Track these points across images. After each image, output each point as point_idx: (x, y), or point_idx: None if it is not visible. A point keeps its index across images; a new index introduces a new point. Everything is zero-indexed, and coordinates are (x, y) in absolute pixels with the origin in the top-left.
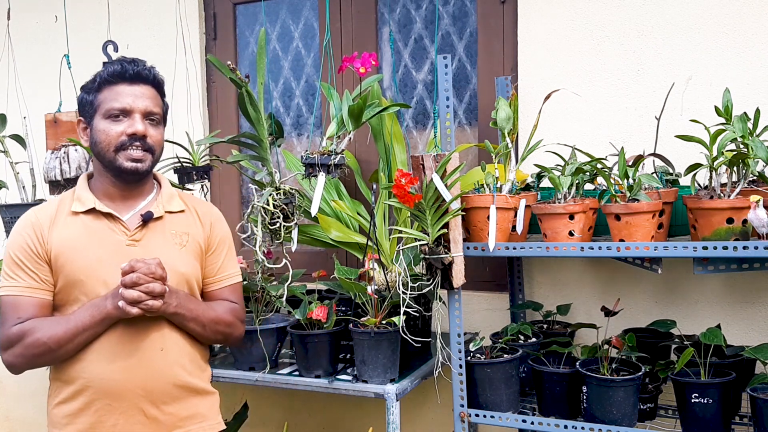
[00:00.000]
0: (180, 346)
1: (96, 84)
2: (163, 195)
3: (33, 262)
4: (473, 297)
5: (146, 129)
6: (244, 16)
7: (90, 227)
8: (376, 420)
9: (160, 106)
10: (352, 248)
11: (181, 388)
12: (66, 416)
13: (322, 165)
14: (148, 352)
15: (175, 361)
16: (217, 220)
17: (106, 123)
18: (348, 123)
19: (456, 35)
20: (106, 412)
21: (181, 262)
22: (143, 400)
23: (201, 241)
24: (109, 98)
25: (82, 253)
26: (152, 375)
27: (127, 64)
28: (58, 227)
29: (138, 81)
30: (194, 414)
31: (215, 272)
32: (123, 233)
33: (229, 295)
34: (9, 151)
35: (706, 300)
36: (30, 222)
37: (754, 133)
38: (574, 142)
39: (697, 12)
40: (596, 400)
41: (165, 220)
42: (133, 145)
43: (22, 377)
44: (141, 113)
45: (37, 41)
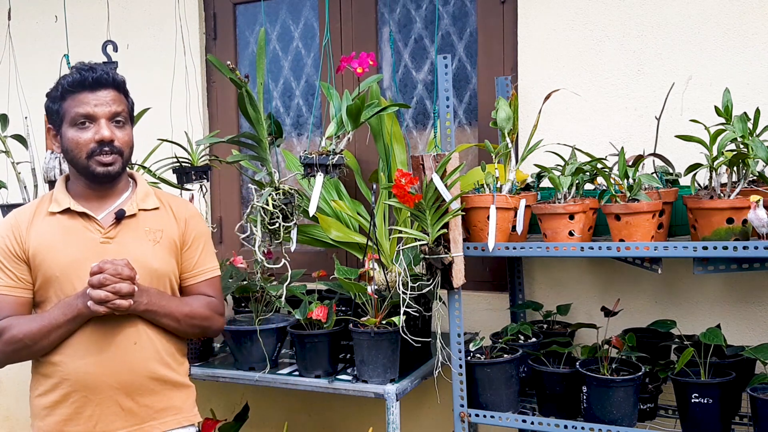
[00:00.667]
0: (154, 340)
1: (59, 93)
2: (138, 193)
3: (11, 262)
4: (473, 297)
5: (113, 133)
6: (244, 16)
7: (66, 226)
8: (376, 420)
9: (125, 105)
10: (352, 248)
11: (155, 381)
12: (45, 408)
13: (320, 165)
14: (122, 346)
15: (149, 355)
16: (192, 216)
17: (74, 131)
18: (347, 123)
19: (456, 35)
20: (83, 404)
21: (154, 258)
22: (118, 392)
23: (176, 237)
24: (73, 106)
25: (58, 251)
26: (126, 368)
27: (86, 71)
28: (35, 227)
29: (98, 87)
30: (169, 406)
31: (192, 267)
32: (97, 231)
33: (206, 289)
34: (10, 151)
35: (706, 300)
36: (9, 224)
37: (754, 133)
38: (574, 142)
39: (697, 12)
40: (596, 400)
41: (139, 218)
42: (103, 151)
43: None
44: (106, 117)
45: (37, 41)
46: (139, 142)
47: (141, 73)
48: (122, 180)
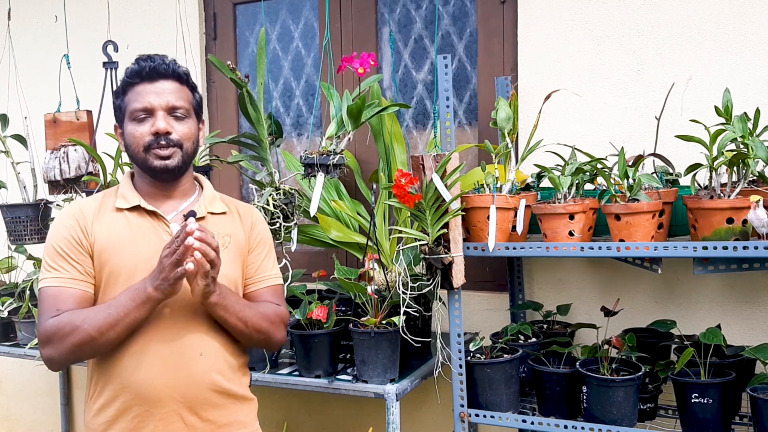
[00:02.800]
0: (219, 351)
1: (121, 88)
2: (206, 196)
3: (76, 253)
4: (473, 297)
5: (169, 125)
6: (244, 16)
7: (134, 224)
8: (376, 420)
9: (186, 98)
10: (352, 248)
11: (220, 394)
12: (103, 423)
13: (321, 165)
14: (188, 357)
15: (213, 366)
16: (257, 220)
17: (133, 125)
18: (347, 123)
19: (456, 35)
20: (144, 418)
21: (224, 264)
22: (182, 406)
23: (242, 242)
24: (132, 100)
25: (125, 249)
26: (191, 380)
27: (143, 61)
28: (101, 222)
29: (157, 77)
30: (233, 421)
31: (255, 272)
32: (166, 232)
33: (270, 297)
34: (10, 151)
35: (706, 300)
36: (73, 213)
37: (754, 133)
38: (574, 142)
39: (697, 12)
40: (596, 400)
41: (207, 221)
42: (159, 144)
43: (24, 377)
44: (163, 110)
45: (37, 41)
46: None
47: None
48: (188, 180)
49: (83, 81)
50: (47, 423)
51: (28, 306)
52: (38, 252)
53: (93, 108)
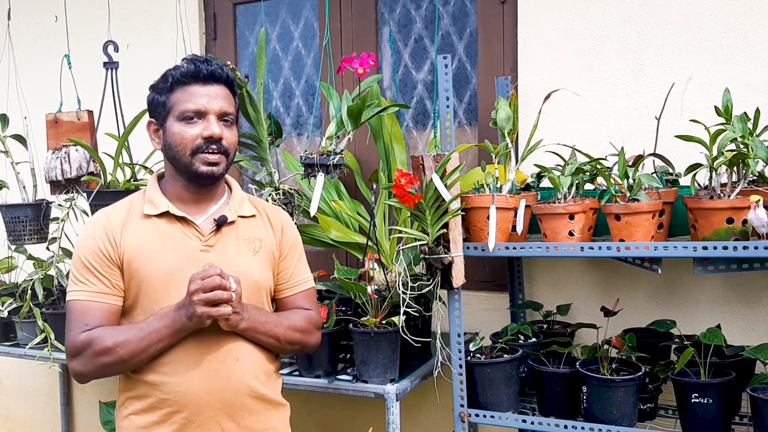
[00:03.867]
0: (254, 356)
1: (168, 84)
2: (235, 199)
3: (105, 267)
4: (473, 297)
5: (222, 131)
6: (244, 16)
7: (164, 231)
8: (376, 420)
9: (234, 105)
10: (352, 248)
11: (256, 400)
12: (141, 428)
13: (321, 165)
14: (225, 363)
15: (250, 372)
16: (287, 224)
17: (181, 125)
18: (347, 123)
19: (456, 35)
20: (183, 425)
21: (255, 269)
22: (220, 412)
23: (273, 247)
24: (183, 99)
25: (156, 258)
26: (229, 386)
27: (201, 63)
28: (130, 231)
29: (212, 81)
30: (268, 428)
31: (288, 278)
32: (197, 238)
33: (303, 302)
34: (10, 151)
35: (706, 300)
36: (102, 225)
37: (754, 133)
38: (573, 142)
39: (697, 12)
40: (596, 400)
41: (237, 225)
42: (210, 149)
43: (24, 377)
44: (216, 114)
45: (37, 41)
46: (141, 142)
47: (141, 73)
48: (220, 184)
49: (84, 81)
50: (47, 423)
51: (29, 306)
52: (38, 252)
53: (94, 108)
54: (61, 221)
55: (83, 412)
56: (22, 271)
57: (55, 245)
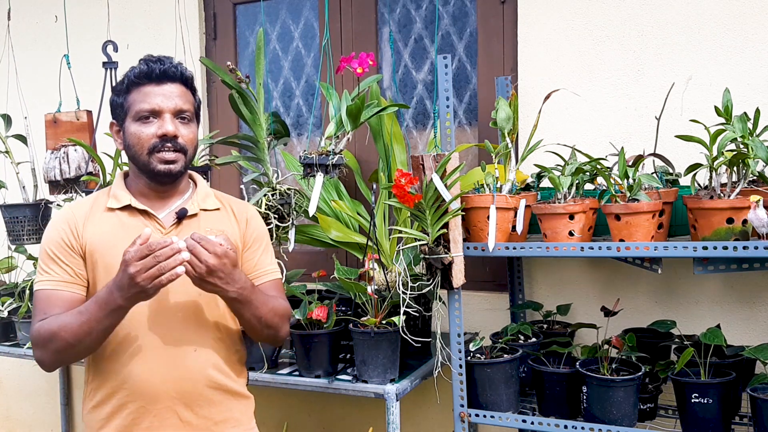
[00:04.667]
0: (214, 347)
1: (124, 86)
2: (199, 193)
3: (67, 256)
4: (473, 297)
5: (177, 129)
6: (244, 16)
7: (125, 224)
8: (376, 420)
9: (191, 103)
10: (352, 248)
11: (215, 390)
12: (100, 420)
13: (320, 165)
14: (183, 353)
15: (209, 362)
16: (252, 216)
17: (137, 125)
18: (346, 123)
19: (456, 35)
20: (140, 414)
21: None
22: (177, 402)
23: (237, 239)
24: (138, 100)
25: (117, 249)
26: (187, 376)
27: (153, 63)
28: (92, 223)
29: (165, 80)
30: (228, 418)
31: (254, 267)
32: (158, 230)
33: (271, 291)
34: (11, 151)
35: (706, 300)
36: (65, 217)
37: (754, 133)
38: (574, 142)
39: (697, 12)
40: (596, 400)
41: (200, 218)
42: (165, 147)
43: (24, 377)
44: (171, 113)
45: (37, 41)
46: None
47: None
48: (183, 180)
49: (83, 81)
50: (47, 423)
51: (27, 306)
52: (38, 252)
53: (93, 108)
54: None
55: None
56: (22, 271)
57: None
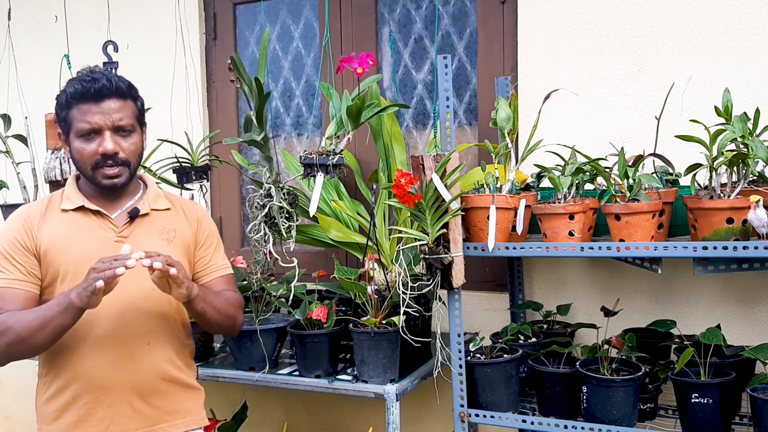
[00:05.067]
0: (167, 340)
1: (64, 101)
2: (149, 194)
3: (21, 255)
4: (473, 297)
5: (117, 144)
6: (244, 16)
7: (79, 224)
8: (376, 420)
9: (131, 112)
10: (352, 248)
11: (167, 382)
12: (54, 411)
13: (320, 165)
14: (136, 346)
15: (162, 355)
16: (203, 216)
17: (79, 142)
18: (346, 123)
19: (456, 35)
20: (95, 405)
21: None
22: (131, 393)
23: (188, 238)
24: (78, 117)
25: (70, 248)
26: (140, 368)
27: (87, 83)
28: (47, 223)
29: (102, 98)
30: (179, 409)
31: (206, 265)
32: (111, 230)
33: (224, 285)
34: (11, 151)
35: (706, 300)
36: (20, 217)
37: (754, 133)
38: (574, 142)
39: (697, 12)
40: (596, 400)
41: (152, 217)
42: (107, 163)
43: (24, 377)
44: (110, 129)
45: (37, 41)
46: None
47: (141, 73)
48: (133, 183)
49: None
50: None
51: None
52: None
53: None
54: None
55: None
56: None
57: None
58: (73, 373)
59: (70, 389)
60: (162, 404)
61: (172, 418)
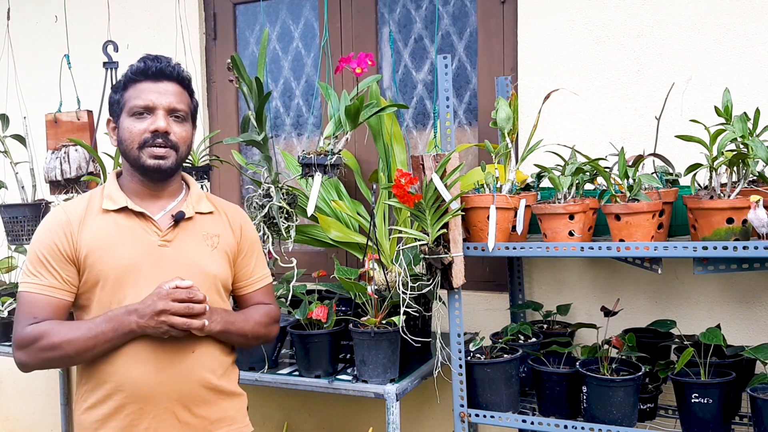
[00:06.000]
0: (211, 349)
1: (122, 83)
2: (192, 196)
3: (59, 262)
4: (473, 297)
5: (169, 125)
6: (244, 16)
7: (122, 226)
8: (376, 420)
9: (186, 102)
10: (352, 248)
11: (211, 391)
12: (95, 421)
13: (318, 165)
14: (180, 354)
15: (205, 364)
16: (245, 222)
17: (131, 120)
18: (345, 123)
19: (456, 35)
20: (138, 416)
21: (212, 264)
22: (176, 403)
23: (232, 244)
24: (133, 96)
25: (113, 252)
26: (184, 377)
27: (150, 61)
28: (88, 226)
29: (161, 78)
30: (224, 417)
31: (248, 275)
32: (155, 233)
33: (263, 297)
34: (10, 151)
35: (706, 300)
36: (60, 220)
37: (754, 133)
38: (574, 142)
39: (697, 12)
40: (596, 400)
41: (195, 221)
42: (156, 142)
43: (23, 377)
44: (164, 110)
45: (37, 41)
46: None
47: None
48: (176, 181)
49: (83, 81)
50: (47, 423)
51: None
52: None
53: (93, 108)
54: None
55: None
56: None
57: None
58: (116, 382)
59: (112, 399)
60: (207, 413)
61: (217, 427)
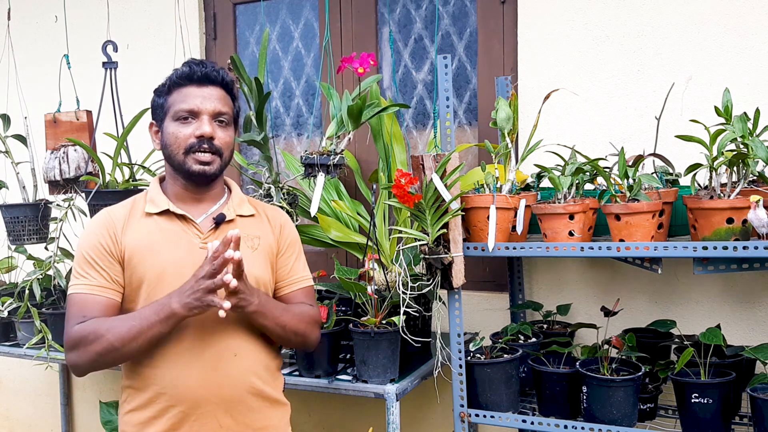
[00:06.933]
0: (254, 353)
1: (166, 87)
2: (234, 199)
3: (105, 261)
4: (473, 297)
5: (214, 130)
6: (244, 16)
7: (164, 228)
8: (376, 420)
9: (230, 106)
10: (352, 248)
11: (255, 397)
12: (138, 424)
13: (321, 165)
14: (223, 358)
15: (249, 368)
16: (286, 222)
17: (175, 125)
18: (347, 123)
19: (456, 35)
20: (180, 420)
21: (254, 265)
22: (218, 408)
23: (272, 245)
24: (178, 100)
25: (156, 254)
26: (227, 381)
27: (195, 65)
28: (131, 228)
29: (206, 83)
30: (267, 425)
31: (286, 275)
32: (196, 236)
33: (303, 298)
34: (10, 151)
35: (706, 300)
36: (104, 221)
37: (754, 133)
38: (574, 142)
39: (697, 12)
40: (596, 400)
41: (236, 224)
42: (201, 147)
43: (24, 377)
44: (209, 114)
45: (37, 41)
46: (139, 142)
47: (141, 73)
48: (219, 184)
49: (83, 81)
50: (47, 423)
51: (27, 306)
52: (38, 252)
53: (93, 108)
54: (60, 221)
55: (83, 412)
56: (22, 271)
57: (54, 245)
58: (159, 386)
59: (155, 402)
60: (249, 420)
61: None
